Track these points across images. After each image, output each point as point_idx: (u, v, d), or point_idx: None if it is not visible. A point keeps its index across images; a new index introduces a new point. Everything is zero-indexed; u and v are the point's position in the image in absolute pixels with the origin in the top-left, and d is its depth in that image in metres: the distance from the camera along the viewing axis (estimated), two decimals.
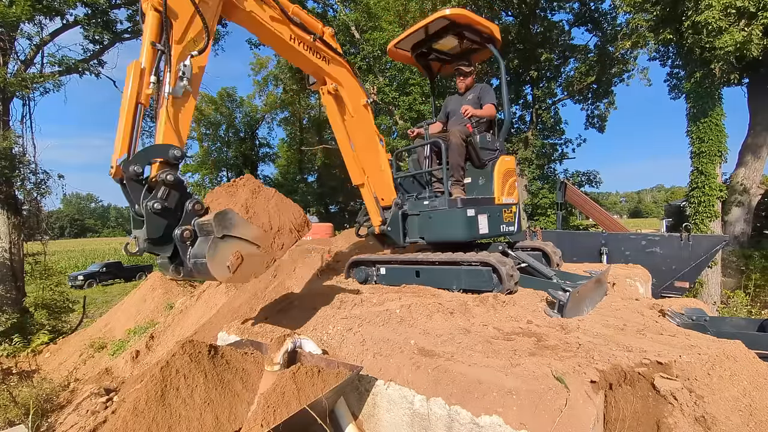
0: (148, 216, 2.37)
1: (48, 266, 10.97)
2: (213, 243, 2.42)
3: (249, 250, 2.55)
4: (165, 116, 2.65)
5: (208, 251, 2.38)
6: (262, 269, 2.62)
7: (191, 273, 2.50)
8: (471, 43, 5.19)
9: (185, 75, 2.69)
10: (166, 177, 2.46)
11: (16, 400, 4.09)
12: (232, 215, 2.54)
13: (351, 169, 4.60)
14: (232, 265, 2.43)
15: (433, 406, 2.22)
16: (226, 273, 2.40)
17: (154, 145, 2.59)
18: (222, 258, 2.43)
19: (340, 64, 4.05)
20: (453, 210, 4.32)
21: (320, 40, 3.72)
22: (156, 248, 2.46)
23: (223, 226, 2.46)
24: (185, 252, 2.48)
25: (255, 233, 2.59)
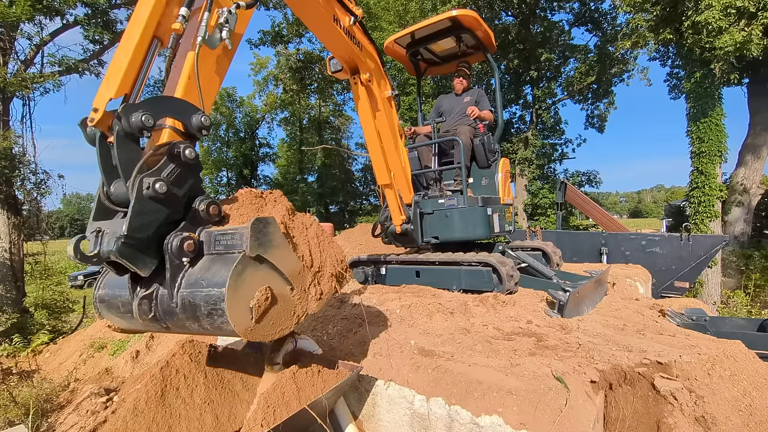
0: (140, 200, 1.51)
1: (48, 266, 10.96)
2: (241, 264, 1.55)
3: (282, 290, 1.73)
4: (190, 68, 1.91)
5: (231, 277, 1.50)
6: (290, 323, 1.76)
7: (174, 316, 1.59)
8: (467, 47, 5.24)
9: (227, 24, 2.02)
10: (185, 151, 1.65)
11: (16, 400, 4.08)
12: (276, 228, 1.72)
13: (378, 167, 4.26)
14: (256, 309, 1.56)
15: (433, 406, 2.22)
16: (247, 319, 1.54)
17: (176, 98, 1.82)
18: (245, 295, 1.55)
19: (371, 52, 3.73)
20: (473, 208, 4.32)
21: (359, 24, 3.40)
22: (132, 256, 1.50)
23: (261, 242, 1.61)
24: (177, 276, 1.59)
25: (294, 266, 1.80)
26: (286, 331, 1.75)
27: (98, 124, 1.59)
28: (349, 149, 36.92)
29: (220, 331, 1.55)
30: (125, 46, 1.79)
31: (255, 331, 1.59)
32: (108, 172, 1.62)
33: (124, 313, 1.73)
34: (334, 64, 3.78)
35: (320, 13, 3.01)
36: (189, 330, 1.66)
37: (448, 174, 5.03)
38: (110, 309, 1.79)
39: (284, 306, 1.74)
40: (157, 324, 1.69)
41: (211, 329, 1.56)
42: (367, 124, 4.05)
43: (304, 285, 1.86)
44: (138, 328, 1.84)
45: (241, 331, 1.53)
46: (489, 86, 20.45)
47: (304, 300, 1.84)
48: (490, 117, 5.00)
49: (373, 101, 3.95)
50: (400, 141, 4.37)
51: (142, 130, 1.55)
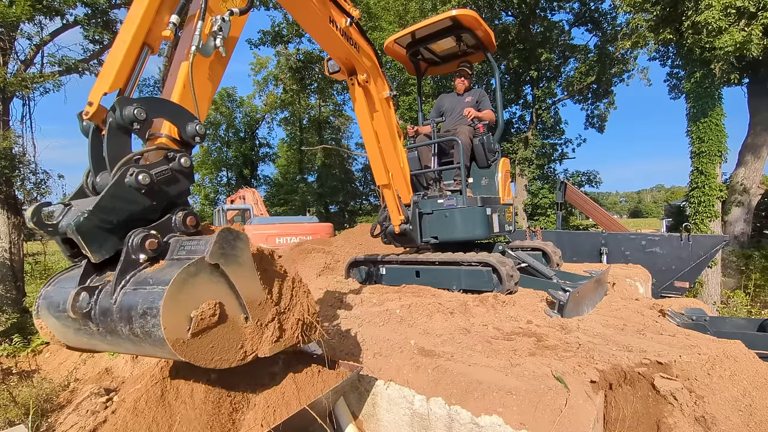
0: (118, 185, 1.49)
1: (48, 266, 10.96)
2: (194, 267, 1.45)
3: (234, 315, 1.58)
4: (184, 76, 1.91)
5: (179, 276, 1.40)
6: (232, 358, 1.57)
7: (108, 316, 1.45)
8: (467, 47, 5.25)
9: (221, 32, 2.00)
10: (181, 159, 1.69)
11: (16, 400, 4.08)
12: (246, 245, 1.63)
13: (376, 168, 4.28)
14: (197, 321, 1.42)
15: (433, 406, 2.22)
16: (182, 329, 1.40)
17: (173, 102, 1.82)
18: (189, 302, 1.42)
19: (368, 52, 3.73)
20: (473, 209, 4.32)
21: (355, 25, 3.39)
22: (89, 235, 1.41)
23: (224, 252, 1.53)
24: (127, 272, 1.48)
25: (254, 293, 1.65)
26: (224, 364, 1.51)
27: (92, 117, 1.61)
28: (349, 149, 36.92)
29: (148, 338, 1.36)
30: (117, 47, 1.79)
31: (188, 346, 1.40)
32: (96, 163, 1.61)
33: (60, 312, 1.54)
34: (331, 65, 3.78)
35: (316, 15, 2.99)
36: (118, 337, 1.45)
37: (448, 174, 5.03)
38: (49, 306, 1.60)
39: (231, 334, 1.56)
40: (87, 327, 1.50)
41: (140, 335, 1.37)
42: (365, 125, 4.04)
43: (261, 319, 1.67)
44: (66, 334, 1.62)
45: (172, 339, 1.34)
46: (489, 86, 20.45)
47: (257, 336, 1.63)
48: (491, 117, 5.00)
49: (370, 102, 3.94)
50: (398, 141, 4.36)
51: (133, 122, 1.55)
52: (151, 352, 1.47)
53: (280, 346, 1.72)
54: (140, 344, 1.43)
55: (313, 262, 6.38)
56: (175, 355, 1.38)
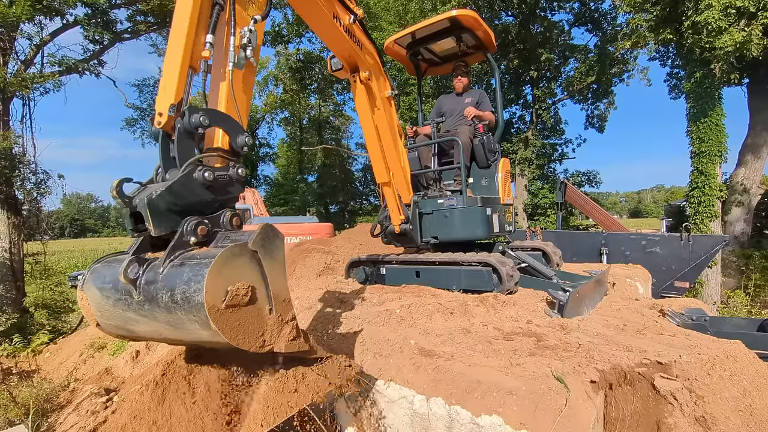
0: (188, 176, 1.75)
1: (48, 266, 10.96)
2: (238, 249, 1.64)
3: (261, 303, 1.71)
4: (227, 93, 2.07)
5: (223, 253, 1.57)
6: (253, 343, 1.66)
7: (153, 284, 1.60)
8: (467, 47, 5.25)
9: (250, 43, 2.13)
10: (238, 169, 1.94)
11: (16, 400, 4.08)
12: (282, 245, 1.82)
13: (377, 166, 4.28)
14: (232, 295, 1.55)
15: (433, 406, 2.22)
16: (219, 298, 1.51)
17: (229, 115, 2.02)
18: (229, 277, 1.57)
19: (371, 50, 3.75)
20: (473, 208, 4.33)
21: (358, 23, 3.44)
22: (156, 211, 1.67)
23: (264, 245, 1.71)
24: (177, 250, 1.66)
25: (282, 290, 1.80)
26: (245, 345, 1.61)
27: (165, 126, 1.84)
28: (349, 149, 36.94)
29: (187, 303, 1.49)
30: (171, 67, 1.94)
31: (220, 316, 1.52)
32: (165, 162, 1.84)
33: (104, 284, 1.73)
34: (334, 63, 3.79)
35: (320, 11, 3.03)
36: (155, 306, 1.58)
37: (448, 174, 5.04)
38: (95, 278, 1.77)
39: (256, 320, 1.68)
40: (127, 297, 1.65)
41: (179, 301, 1.51)
42: (367, 123, 4.05)
43: (283, 315, 1.79)
44: (103, 306, 1.75)
45: (209, 304, 1.47)
46: (489, 86, 20.47)
47: (276, 330, 1.75)
48: (491, 118, 5.00)
49: (372, 100, 3.96)
50: (399, 141, 4.36)
51: (197, 127, 1.81)
52: (181, 322, 1.56)
53: (294, 346, 1.81)
54: (175, 312, 1.54)
55: (313, 262, 6.38)
56: (207, 322, 1.47)
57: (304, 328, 3.25)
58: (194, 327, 1.55)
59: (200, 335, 1.58)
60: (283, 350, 1.75)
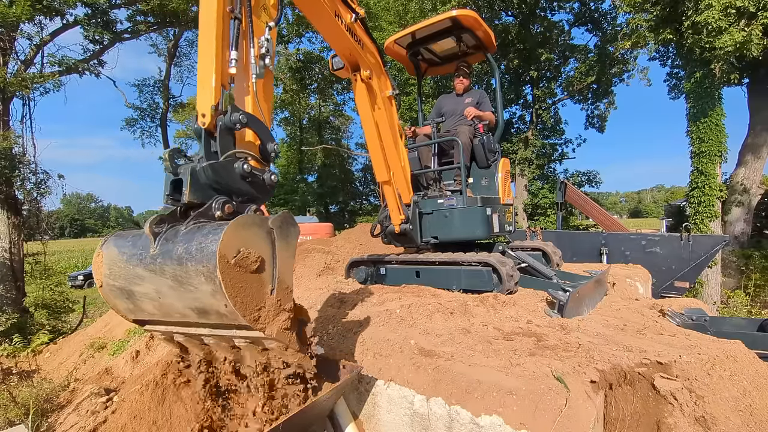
0: (229, 163, 1.93)
1: (48, 266, 10.95)
2: (255, 218, 1.78)
3: (265, 278, 1.77)
4: (252, 105, 2.21)
5: (243, 217, 1.72)
6: (248, 316, 1.67)
7: (174, 240, 1.70)
8: (467, 47, 5.25)
9: (268, 52, 2.20)
10: (271, 176, 2.12)
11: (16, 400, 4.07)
12: (296, 235, 1.93)
13: (377, 165, 4.27)
14: (242, 255, 1.64)
15: (433, 406, 2.22)
16: (230, 254, 1.60)
17: (263, 123, 2.18)
18: (244, 239, 1.67)
19: (372, 49, 3.77)
20: (473, 208, 4.33)
21: (360, 21, 3.46)
22: (195, 180, 1.83)
23: (281, 227, 1.84)
24: (203, 217, 1.79)
25: (287, 276, 1.87)
26: (241, 311, 1.62)
27: (209, 125, 1.99)
28: (349, 149, 36.94)
29: (201, 252, 1.57)
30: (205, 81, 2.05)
31: (227, 269, 1.58)
32: (208, 156, 1.97)
33: (124, 242, 1.84)
34: (336, 62, 3.81)
35: (322, 8, 3.07)
36: (168, 259, 1.65)
37: (448, 174, 5.04)
38: (117, 239, 1.88)
39: (257, 292, 1.71)
40: (143, 252, 1.73)
41: (193, 252, 1.59)
42: (367, 121, 4.06)
43: (282, 302, 1.82)
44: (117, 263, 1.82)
45: (221, 254, 1.54)
46: (489, 86, 20.47)
47: (272, 312, 1.77)
48: (491, 118, 5.00)
49: (373, 98, 3.97)
50: (400, 140, 4.37)
51: (236, 123, 1.97)
52: (187, 276, 1.62)
53: (285, 337, 1.80)
54: (185, 264, 1.61)
55: (313, 262, 6.38)
56: (213, 274, 1.53)
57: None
58: (199, 281, 1.59)
59: (201, 293, 1.61)
60: (274, 336, 1.74)
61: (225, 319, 1.69)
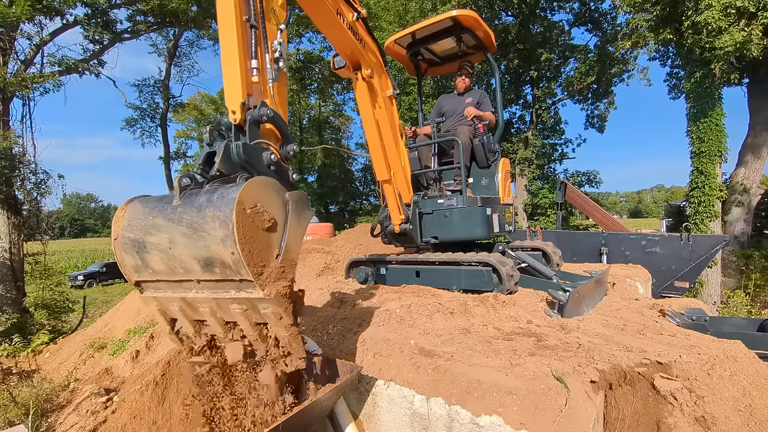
0: (258, 150, 2.05)
1: (48, 266, 10.94)
2: (276, 185, 1.89)
3: (274, 240, 1.84)
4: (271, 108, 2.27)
5: (265, 178, 1.86)
6: (252, 264, 1.72)
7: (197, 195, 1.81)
8: (467, 47, 5.25)
9: (282, 56, 2.30)
10: (293, 175, 2.23)
11: (16, 400, 4.08)
12: (310, 215, 2.07)
13: (378, 163, 4.28)
14: (257, 209, 1.72)
15: (433, 406, 2.22)
16: (248, 204, 1.68)
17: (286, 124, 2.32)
18: (261, 197, 1.77)
19: (373, 49, 3.81)
20: (473, 208, 4.33)
21: (361, 21, 3.50)
22: (227, 157, 1.98)
23: (296, 201, 1.95)
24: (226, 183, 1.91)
25: (294, 247, 1.93)
26: (247, 259, 1.67)
27: (238, 121, 2.10)
28: (349, 149, 36.94)
29: (222, 200, 1.68)
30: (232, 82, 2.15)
31: (242, 216, 1.66)
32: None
33: (148, 200, 1.96)
34: (337, 61, 3.82)
35: (324, 6, 3.10)
36: (189, 207, 1.75)
37: (448, 174, 5.04)
38: (143, 198, 1.99)
39: (264, 250, 1.77)
40: (167, 206, 1.84)
41: (214, 200, 1.71)
42: (368, 120, 4.07)
43: (286, 269, 1.87)
44: (137, 215, 1.92)
45: (240, 200, 1.65)
46: (489, 86, 20.47)
47: (274, 275, 1.81)
48: (492, 118, 5.00)
49: (374, 97, 3.98)
50: (400, 140, 4.38)
51: (263, 116, 2.11)
52: (203, 222, 1.71)
53: (282, 303, 1.82)
54: (203, 211, 1.71)
55: (313, 262, 6.38)
56: (229, 219, 1.62)
57: (305, 328, 3.25)
58: (213, 226, 1.67)
59: (212, 239, 1.68)
60: (272, 296, 1.77)
61: (228, 271, 1.72)
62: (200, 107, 33.56)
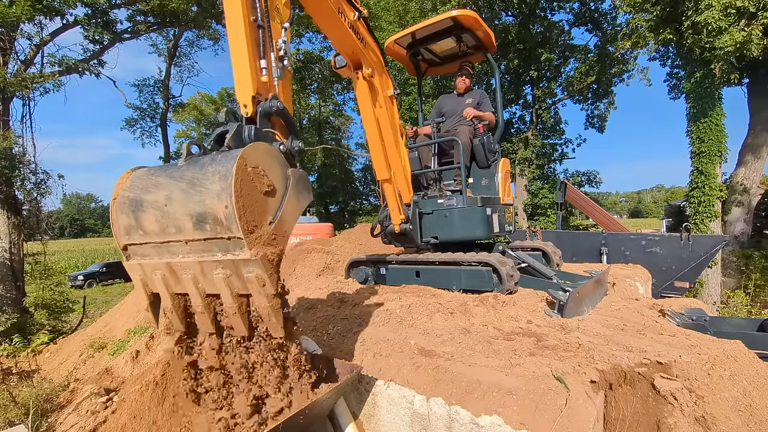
0: (268, 137, 2.14)
1: (48, 266, 10.95)
2: (281, 156, 1.99)
3: (270, 207, 1.87)
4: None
5: (275, 147, 1.98)
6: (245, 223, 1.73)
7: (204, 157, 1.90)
8: (467, 47, 5.25)
9: (286, 53, 2.35)
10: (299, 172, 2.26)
11: (16, 400, 4.07)
12: (309, 196, 2.12)
13: (378, 163, 4.29)
14: (258, 170, 1.79)
15: (433, 406, 2.23)
16: (250, 163, 1.76)
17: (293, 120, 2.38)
18: (266, 162, 1.84)
19: (374, 48, 3.84)
20: (473, 208, 4.33)
21: (362, 20, 3.53)
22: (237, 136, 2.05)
23: (297, 179, 2.01)
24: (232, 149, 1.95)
25: (288, 223, 1.96)
26: (240, 215, 1.70)
27: (250, 114, 2.17)
28: (349, 149, 36.95)
29: (226, 157, 1.74)
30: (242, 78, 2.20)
31: (242, 174, 1.71)
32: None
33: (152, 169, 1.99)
34: (339, 61, 3.83)
35: (326, 5, 3.10)
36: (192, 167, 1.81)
37: (448, 174, 5.04)
38: (149, 168, 2.03)
39: (259, 213, 1.80)
40: (172, 171, 1.87)
41: (219, 159, 1.77)
42: (369, 120, 4.07)
43: (277, 237, 1.88)
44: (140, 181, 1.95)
45: (243, 158, 1.71)
46: (489, 86, 20.47)
47: (264, 239, 1.83)
48: (492, 118, 5.00)
49: (374, 97, 3.99)
50: (401, 140, 4.38)
51: (273, 108, 2.19)
52: (203, 177, 1.75)
53: (266, 267, 1.81)
54: (205, 168, 1.76)
55: (313, 262, 6.37)
56: (229, 173, 1.66)
57: (304, 328, 3.25)
58: (212, 180, 1.71)
59: (209, 193, 1.71)
60: (258, 258, 1.77)
61: (219, 228, 1.73)
62: (200, 107, 33.58)
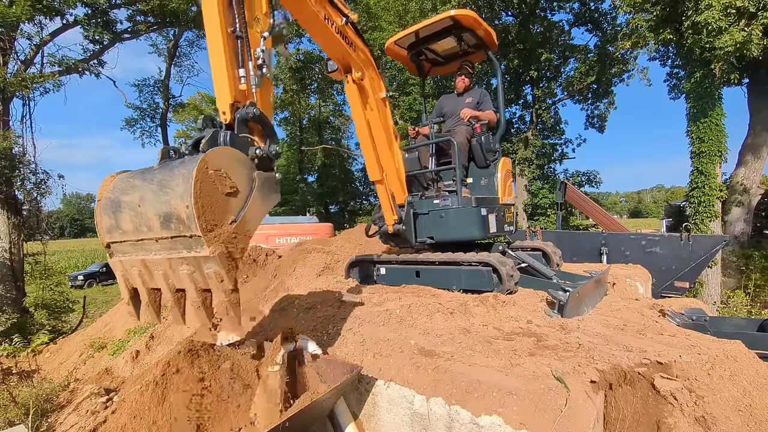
0: (243, 145, 2.17)
1: (48, 266, 10.95)
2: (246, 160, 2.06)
3: (232, 207, 1.93)
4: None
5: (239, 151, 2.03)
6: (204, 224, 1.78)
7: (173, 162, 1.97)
8: (468, 47, 5.24)
9: (265, 62, 2.39)
10: (276, 174, 2.31)
11: (16, 400, 4.07)
12: (276, 198, 2.21)
13: (370, 164, 4.31)
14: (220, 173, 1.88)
15: (433, 406, 2.23)
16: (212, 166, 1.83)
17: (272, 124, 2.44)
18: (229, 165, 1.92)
19: (363, 51, 3.85)
20: (467, 209, 4.32)
21: (350, 24, 3.55)
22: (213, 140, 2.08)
23: (263, 182, 2.11)
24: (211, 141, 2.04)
25: (251, 223, 2.03)
26: (198, 214, 1.75)
27: (229, 120, 2.23)
28: (349, 149, 36.92)
29: (191, 161, 1.80)
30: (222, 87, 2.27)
31: (202, 176, 1.77)
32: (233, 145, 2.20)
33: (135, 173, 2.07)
34: (330, 65, 3.87)
35: (311, 12, 3.15)
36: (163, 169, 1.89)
37: (448, 174, 5.03)
38: (133, 171, 2.10)
39: (218, 213, 1.86)
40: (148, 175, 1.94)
41: (186, 160, 1.87)
42: (359, 121, 4.09)
43: (239, 237, 1.94)
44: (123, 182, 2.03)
45: (204, 161, 1.78)
46: (490, 86, 20.47)
47: (224, 238, 1.88)
48: (492, 118, 4.98)
49: (365, 99, 4.00)
50: (394, 142, 4.38)
51: (249, 114, 2.23)
52: (171, 178, 1.82)
53: (223, 263, 1.87)
54: (174, 170, 1.83)
55: (313, 262, 6.37)
56: (190, 174, 1.72)
57: (304, 328, 3.25)
58: (177, 182, 1.79)
59: (174, 194, 1.78)
60: (216, 255, 1.82)
61: (182, 227, 1.79)
62: (200, 107, 33.57)
